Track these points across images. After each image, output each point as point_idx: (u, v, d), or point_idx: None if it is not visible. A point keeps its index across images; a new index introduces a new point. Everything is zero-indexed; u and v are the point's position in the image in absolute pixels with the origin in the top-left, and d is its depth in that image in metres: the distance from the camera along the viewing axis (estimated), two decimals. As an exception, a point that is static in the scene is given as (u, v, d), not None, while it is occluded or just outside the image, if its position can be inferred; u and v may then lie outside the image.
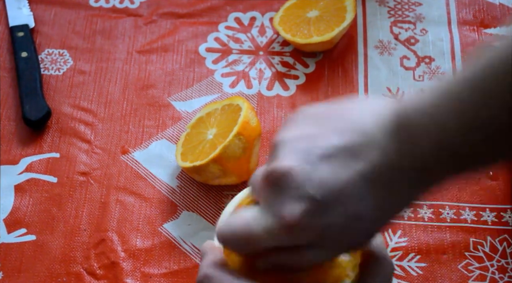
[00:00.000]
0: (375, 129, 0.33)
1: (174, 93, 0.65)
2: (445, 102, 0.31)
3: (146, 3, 0.71)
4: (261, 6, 0.71)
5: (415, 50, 0.67)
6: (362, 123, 0.33)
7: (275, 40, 0.68)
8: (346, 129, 0.33)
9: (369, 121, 0.33)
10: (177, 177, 0.59)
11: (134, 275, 0.54)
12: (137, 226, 0.57)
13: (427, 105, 0.31)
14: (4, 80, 0.65)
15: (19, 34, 0.67)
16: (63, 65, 0.67)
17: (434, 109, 0.31)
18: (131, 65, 0.67)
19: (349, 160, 0.32)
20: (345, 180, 0.32)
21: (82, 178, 0.59)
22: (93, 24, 0.70)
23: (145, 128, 0.63)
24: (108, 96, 0.65)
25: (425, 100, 0.32)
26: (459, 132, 0.30)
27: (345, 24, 0.64)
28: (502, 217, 0.57)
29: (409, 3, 0.71)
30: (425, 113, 0.31)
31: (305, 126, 0.35)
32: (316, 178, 0.32)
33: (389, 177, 0.32)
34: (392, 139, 0.32)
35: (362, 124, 0.33)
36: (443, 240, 0.56)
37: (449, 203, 0.58)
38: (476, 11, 0.70)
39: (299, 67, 0.66)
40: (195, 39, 0.69)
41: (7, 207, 0.58)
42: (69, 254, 0.55)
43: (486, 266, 0.54)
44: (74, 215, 0.57)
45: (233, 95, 0.64)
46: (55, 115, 0.63)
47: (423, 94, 0.32)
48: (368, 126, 0.33)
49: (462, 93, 0.30)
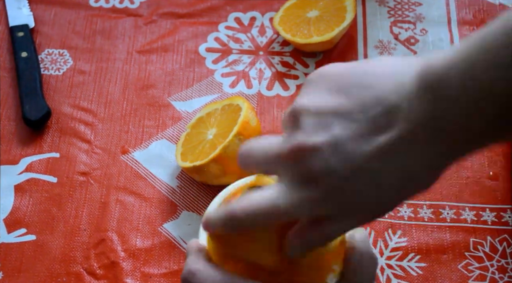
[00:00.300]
0: (400, 95, 0.31)
1: (174, 93, 0.65)
2: (481, 56, 0.29)
3: (146, 3, 0.71)
4: (261, 6, 0.71)
5: (415, 50, 0.67)
6: (387, 89, 0.32)
7: (275, 40, 0.68)
8: (368, 96, 0.32)
9: (394, 88, 0.32)
10: (177, 177, 0.59)
11: (134, 275, 0.54)
12: (137, 226, 0.57)
13: (459, 61, 0.30)
14: (4, 80, 0.65)
15: (19, 34, 0.67)
16: (63, 65, 0.67)
17: (467, 63, 0.29)
18: (131, 65, 0.67)
19: (371, 132, 0.32)
20: (366, 154, 0.32)
21: (82, 178, 0.59)
22: (93, 24, 0.70)
23: (145, 128, 0.63)
24: (108, 96, 0.65)
25: (455, 55, 0.30)
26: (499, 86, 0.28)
27: (345, 24, 0.64)
28: (502, 217, 0.57)
29: (409, 3, 0.71)
30: (458, 69, 0.29)
31: (326, 93, 0.34)
32: (340, 152, 0.32)
33: (415, 142, 0.31)
34: (420, 103, 0.31)
35: (387, 91, 0.32)
36: (443, 240, 0.56)
37: (449, 203, 0.58)
38: (476, 11, 0.70)
39: (299, 67, 0.66)
40: (195, 39, 0.69)
41: (7, 207, 0.58)
42: (69, 254, 0.55)
43: (486, 266, 0.54)
44: (74, 215, 0.57)
45: (233, 95, 0.64)
46: (55, 115, 0.63)
47: (451, 50, 0.30)
48: (393, 93, 0.32)
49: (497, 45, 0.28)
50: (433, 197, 0.58)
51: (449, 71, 0.30)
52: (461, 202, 0.58)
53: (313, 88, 0.35)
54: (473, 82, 0.29)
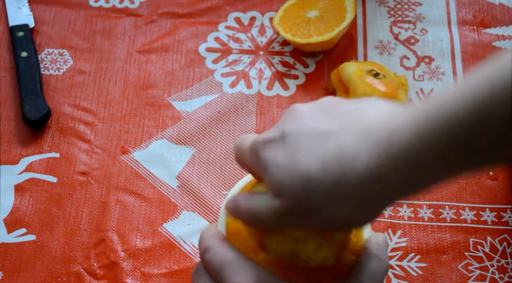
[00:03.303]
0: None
1: (174, 93, 0.65)
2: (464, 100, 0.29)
3: (146, 3, 0.71)
4: (261, 6, 0.71)
5: (415, 50, 0.67)
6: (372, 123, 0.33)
7: (275, 40, 0.68)
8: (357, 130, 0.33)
9: (378, 120, 0.33)
10: (177, 177, 0.60)
11: (134, 275, 0.54)
12: (137, 226, 0.57)
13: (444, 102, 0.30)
14: (4, 80, 0.65)
15: (19, 34, 0.67)
16: (63, 65, 0.67)
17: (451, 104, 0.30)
18: (131, 65, 0.67)
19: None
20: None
21: (82, 177, 0.59)
22: (93, 24, 0.70)
23: (145, 128, 0.63)
24: (108, 96, 0.65)
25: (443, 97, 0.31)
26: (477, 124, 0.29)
27: (345, 24, 0.64)
28: (502, 217, 0.57)
29: (409, 3, 0.71)
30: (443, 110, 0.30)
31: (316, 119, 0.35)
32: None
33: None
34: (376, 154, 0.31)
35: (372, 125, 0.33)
36: (443, 240, 0.56)
37: (449, 203, 0.58)
38: (476, 11, 0.70)
39: (299, 67, 0.66)
40: (195, 39, 0.69)
41: (7, 207, 0.58)
42: (69, 254, 0.55)
43: (486, 266, 0.54)
44: (74, 215, 0.57)
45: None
46: (55, 115, 0.63)
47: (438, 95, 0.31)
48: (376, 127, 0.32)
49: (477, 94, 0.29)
50: (433, 197, 0.58)
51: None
52: (461, 202, 0.58)
53: (303, 114, 0.36)
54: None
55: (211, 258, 0.37)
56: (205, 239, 0.38)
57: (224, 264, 0.36)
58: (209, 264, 0.37)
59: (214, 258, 0.37)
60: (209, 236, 0.38)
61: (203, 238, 0.39)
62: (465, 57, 0.66)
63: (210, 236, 0.38)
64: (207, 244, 0.38)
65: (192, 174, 0.60)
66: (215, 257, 0.37)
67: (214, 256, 0.37)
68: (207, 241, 0.38)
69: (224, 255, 0.37)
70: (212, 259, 0.37)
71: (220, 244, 0.38)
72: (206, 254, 0.37)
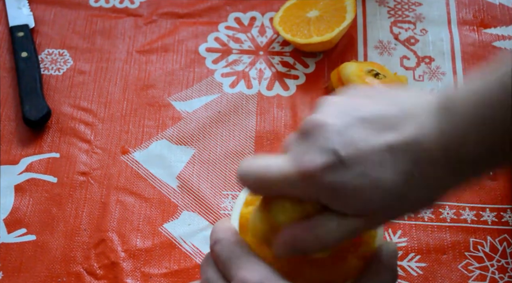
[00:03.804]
0: (418, 108, 0.34)
1: (174, 93, 0.65)
2: (494, 91, 0.31)
3: (146, 3, 0.71)
4: (261, 6, 0.71)
5: (415, 50, 0.67)
6: (407, 102, 0.35)
7: (275, 40, 0.68)
8: (389, 103, 0.35)
9: (413, 102, 0.34)
10: (177, 177, 0.60)
11: (134, 275, 0.54)
12: (137, 226, 0.57)
13: (473, 92, 0.32)
14: (4, 80, 0.65)
15: (19, 34, 0.67)
16: (63, 65, 0.67)
17: (480, 96, 0.32)
18: (131, 65, 0.67)
19: (383, 129, 0.33)
20: (373, 145, 0.33)
21: (82, 178, 0.59)
22: (93, 24, 0.70)
23: (145, 128, 0.63)
24: (108, 96, 0.65)
25: (472, 87, 0.32)
26: (505, 122, 0.31)
27: (345, 24, 0.64)
28: (502, 217, 0.57)
29: (409, 3, 0.71)
30: (472, 97, 0.32)
31: (350, 97, 0.37)
32: (347, 136, 0.33)
33: (419, 155, 0.33)
34: (434, 119, 0.33)
35: (406, 103, 0.34)
36: (443, 240, 0.56)
37: (449, 203, 0.58)
38: (476, 11, 0.70)
39: (299, 67, 0.66)
40: (195, 39, 0.69)
41: (7, 207, 0.58)
42: (69, 254, 0.55)
43: (486, 266, 0.54)
44: (74, 215, 0.57)
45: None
46: (55, 115, 0.63)
47: (470, 83, 0.33)
48: (412, 106, 0.34)
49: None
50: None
51: (465, 97, 0.32)
52: (461, 202, 0.58)
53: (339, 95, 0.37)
54: (485, 110, 0.31)
55: (220, 250, 0.38)
56: (216, 231, 0.39)
57: (231, 257, 0.37)
58: (217, 255, 0.38)
59: (222, 250, 0.37)
60: (221, 229, 0.39)
61: (215, 230, 0.39)
62: (465, 57, 0.66)
63: (221, 229, 0.39)
64: (218, 236, 0.38)
65: (192, 174, 0.60)
66: (223, 249, 0.37)
67: (223, 248, 0.37)
68: (218, 233, 0.38)
69: (233, 249, 0.37)
70: (220, 251, 0.38)
71: (230, 237, 0.38)
72: (216, 246, 0.38)
